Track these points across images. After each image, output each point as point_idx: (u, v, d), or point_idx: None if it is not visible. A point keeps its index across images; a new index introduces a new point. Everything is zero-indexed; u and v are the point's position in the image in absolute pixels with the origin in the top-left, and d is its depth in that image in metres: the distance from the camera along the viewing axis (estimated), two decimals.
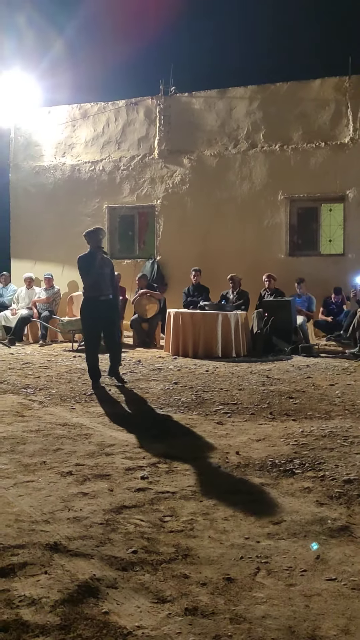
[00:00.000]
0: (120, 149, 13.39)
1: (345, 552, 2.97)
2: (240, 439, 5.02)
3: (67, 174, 13.74)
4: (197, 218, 12.67)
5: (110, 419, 5.73)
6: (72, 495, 3.70)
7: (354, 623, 2.38)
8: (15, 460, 4.38)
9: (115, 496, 3.68)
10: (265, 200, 12.28)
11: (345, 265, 11.63)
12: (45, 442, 4.88)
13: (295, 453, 4.57)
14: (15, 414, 5.87)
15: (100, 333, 7.46)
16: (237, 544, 3.05)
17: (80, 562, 2.85)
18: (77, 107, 13.79)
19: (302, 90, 12.11)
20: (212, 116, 12.71)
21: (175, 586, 2.65)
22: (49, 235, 13.65)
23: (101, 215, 13.46)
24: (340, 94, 11.83)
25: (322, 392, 6.97)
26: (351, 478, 3.97)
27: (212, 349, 9.85)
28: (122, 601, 2.52)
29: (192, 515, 3.41)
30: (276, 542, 3.07)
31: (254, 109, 12.41)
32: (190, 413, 5.97)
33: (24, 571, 2.76)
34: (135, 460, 4.41)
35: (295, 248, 12.33)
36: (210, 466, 4.29)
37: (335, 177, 11.81)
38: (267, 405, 6.28)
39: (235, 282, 11.24)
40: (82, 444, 4.82)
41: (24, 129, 14.16)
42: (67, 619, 2.39)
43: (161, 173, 13.04)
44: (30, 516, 3.37)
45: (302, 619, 2.40)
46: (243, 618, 2.41)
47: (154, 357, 9.81)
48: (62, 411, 6.03)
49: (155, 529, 3.23)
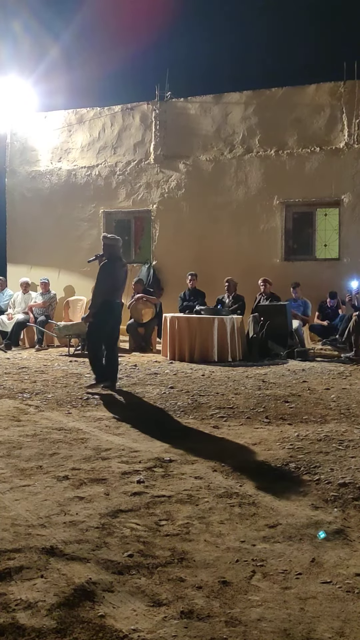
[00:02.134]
0: (116, 154, 13.41)
1: (340, 555, 2.98)
2: (236, 442, 5.03)
3: (63, 179, 13.76)
4: (193, 223, 12.70)
5: (106, 423, 5.74)
6: (68, 499, 3.70)
7: (349, 626, 2.39)
8: (11, 465, 4.39)
9: (111, 500, 3.69)
10: (261, 205, 12.31)
11: (340, 269, 11.66)
12: (42, 446, 4.89)
13: (290, 457, 4.58)
14: (12, 418, 5.88)
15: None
16: (233, 548, 3.06)
17: (76, 565, 2.85)
18: (73, 112, 13.82)
19: (297, 96, 12.17)
20: (207, 121, 12.75)
21: (171, 589, 2.66)
22: (45, 240, 13.66)
23: (97, 220, 13.47)
24: (335, 99, 11.88)
25: (318, 396, 6.99)
26: (346, 482, 3.98)
27: (208, 354, 9.87)
28: (118, 604, 2.53)
29: (188, 519, 3.42)
30: (272, 546, 3.08)
31: (249, 114, 12.46)
32: (187, 417, 5.99)
33: (20, 575, 2.76)
34: (131, 464, 4.42)
35: (290, 252, 12.37)
36: (206, 470, 4.30)
37: (331, 182, 11.86)
38: (262, 409, 6.29)
39: (231, 285, 11.26)
40: (79, 449, 4.83)
41: (20, 134, 14.18)
42: (64, 622, 2.39)
43: (157, 178, 13.07)
44: (26, 520, 3.37)
45: (297, 621, 2.42)
46: (238, 621, 2.42)
47: (150, 362, 9.82)
48: (59, 416, 6.03)
49: (151, 532, 3.24)
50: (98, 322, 7.48)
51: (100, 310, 7.44)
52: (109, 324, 7.51)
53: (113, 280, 7.47)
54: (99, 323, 7.48)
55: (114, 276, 7.50)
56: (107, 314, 7.47)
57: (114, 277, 7.49)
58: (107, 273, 7.45)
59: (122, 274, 7.67)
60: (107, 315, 7.47)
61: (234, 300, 11.15)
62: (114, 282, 7.49)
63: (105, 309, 7.43)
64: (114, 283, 7.51)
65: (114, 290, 7.55)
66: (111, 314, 7.52)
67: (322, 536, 3.05)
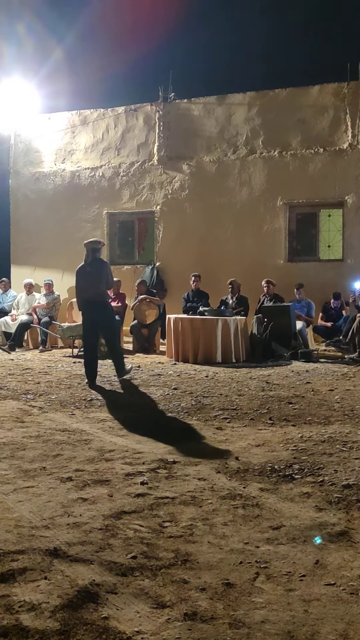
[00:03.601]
0: (119, 155, 13.43)
1: (344, 557, 2.97)
2: (239, 444, 5.03)
3: (67, 180, 13.78)
4: (197, 224, 12.70)
5: (109, 424, 5.74)
6: (72, 500, 3.70)
7: (353, 628, 2.38)
8: (15, 466, 4.39)
9: (114, 502, 3.69)
10: (265, 206, 12.31)
11: (344, 270, 11.66)
12: (45, 447, 4.89)
13: (294, 458, 4.58)
14: (15, 419, 5.88)
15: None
16: (237, 549, 3.06)
17: (79, 567, 2.85)
18: (76, 113, 13.84)
19: (301, 97, 12.16)
20: (211, 122, 12.76)
21: (174, 591, 2.65)
22: (49, 241, 13.68)
23: (101, 221, 13.49)
24: (338, 100, 11.88)
25: (322, 397, 6.97)
26: (350, 483, 3.97)
27: (212, 355, 9.86)
28: (122, 606, 2.53)
29: (192, 520, 3.42)
30: (275, 547, 3.08)
31: (252, 115, 12.46)
32: (190, 418, 5.98)
33: (24, 576, 2.76)
34: (134, 465, 4.42)
35: (294, 253, 12.36)
36: (209, 472, 4.30)
37: (334, 182, 11.85)
38: (266, 410, 6.29)
39: (234, 287, 11.25)
40: (82, 450, 4.83)
41: (24, 136, 14.21)
42: (67, 624, 2.39)
43: (160, 179, 13.07)
44: (30, 522, 3.37)
45: (301, 623, 2.41)
46: (242, 623, 2.41)
47: (153, 363, 9.82)
48: (62, 417, 6.04)
49: (154, 534, 3.24)
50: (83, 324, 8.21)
51: (82, 312, 8.24)
52: (87, 322, 8.04)
53: (78, 281, 8.12)
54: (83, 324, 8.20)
55: (78, 278, 8.12)
56: (82, 315, 8.20)
57: (78, 279, 8.12)
58: (76, 277, 8.19)
59: (87, 272, 8.05)
60: (82, 316, 8.19)
61: (238, 302, 11.14)
62: (79, 283, 8.12)
63: (82, 311, 8.21)
64: (79, 284, 8.11)
65: (80, 290, 8.13)
66: (83, 315, 8.13)
67: (318, 541, 3.04)
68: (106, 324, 8.05)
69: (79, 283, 8.11)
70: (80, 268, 8.14)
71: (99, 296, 7.96)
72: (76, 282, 8.15)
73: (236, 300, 11.19)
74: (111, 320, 8.17)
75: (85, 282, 7.98)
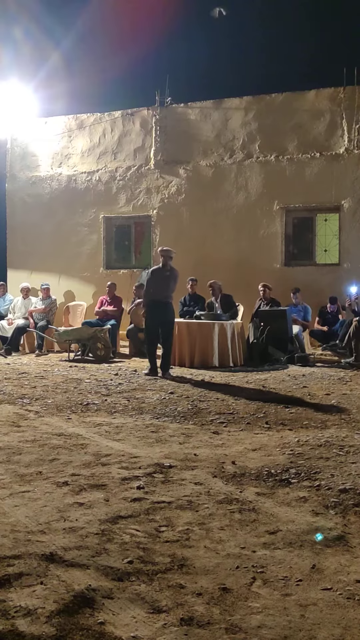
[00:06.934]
0: (116, 159, 13.44)
1: (341, 562, 2.97)
2: (236, 448, 5.03)
3: (64, 184, 13.78)
4: (193, 228, 12.70)
5: (106, 428, 5.73)
6: (68, 505, 3.69)
7: (350, 633, 2.38)
8: (11, 471, 4.38)
9: (111, 506, 3.68)
10: (261, 210, 12.32)
11: (340, 275, 11.67)
12: (41, 452, 4.88)
13: (291, 462, 4.58)
14: (11, 424, 5.87)
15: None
16: (233, 554, 3.05)
17: (76, 572, 2.84)
18: (73, 117, 13.84)
19: (297, 101, 12.19)
20: (207, 127, 12.77)
21: (171, 596, 2.65)
22: (45, 245, 13.67)
23: (97, 225, 13.49)
24: (335, 105, 11.91)
25: (318, 401, 6.98)
26: (347, 487, 3.97)
27: (208, 359, 9.86)
28: (118, 611, 2.52)
29: (188, 525, 3.42)
30: (272, 552, 3.07)
31: (249, 119, 12.48)
32: (187, 423, 5.98)
33: (20, 582, 2.75)
34: (131, 470, 4.41)
35: (290, 258, 12.37)
36: (206, 476, 4.29)
37: (331, 187, 11.87)
38: (263, 414, 6.29)
39: (215, 288, 11.04)
40: (78, 454, 4.82)
41: (21, 140, 14.21)
42: (63, 629, 2.38)
43: (157, 183, 13.08)
44: (26, 526, 3.36)
45: (297, 628, 2.41)
46: (239, 628, 2.41)
47: None
48: (58, 421, 6.03)
49: (151, 539, 3.23)
50: (146, 320, 9.36)
51: (147, 310, 9.23)
52: (153, 321, 9.12)
53: (155, 282, 9.07)
54: (146, 321, 9.37)
55: (155, 279, 9.08)
56: (149, 313, 9.18)
57: (155, 280, 9.08)
58: (150, 277, 9.18)
59: (164, 276, 9.09)
60: (149, 313, 9.17)
61: (223, 300, 10.98)
62: (155, 283, 9.06)
63: (148, 309, 9.18)
64: (155, 284, 9.06)
65: (153, 289, 9.06)
66: (150, 312, 9.12)
67: (320, 538, 3.04)
68: (169, 321, 9.17)
69: (154, 283, 9.06)
70: (158, 270, 9.17)
71: (168, 297, 9.10)
72: (152, 281, 9.07)
73: (221, 301, 11.03)
74: (173, 319, 9.38)
75: (161, 283, 9.03)
